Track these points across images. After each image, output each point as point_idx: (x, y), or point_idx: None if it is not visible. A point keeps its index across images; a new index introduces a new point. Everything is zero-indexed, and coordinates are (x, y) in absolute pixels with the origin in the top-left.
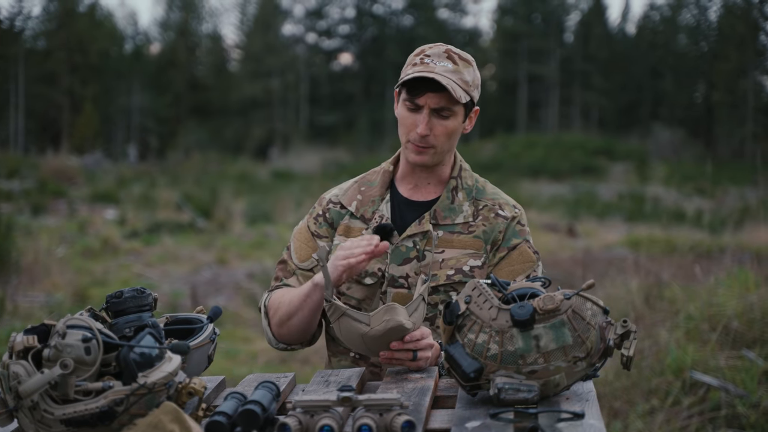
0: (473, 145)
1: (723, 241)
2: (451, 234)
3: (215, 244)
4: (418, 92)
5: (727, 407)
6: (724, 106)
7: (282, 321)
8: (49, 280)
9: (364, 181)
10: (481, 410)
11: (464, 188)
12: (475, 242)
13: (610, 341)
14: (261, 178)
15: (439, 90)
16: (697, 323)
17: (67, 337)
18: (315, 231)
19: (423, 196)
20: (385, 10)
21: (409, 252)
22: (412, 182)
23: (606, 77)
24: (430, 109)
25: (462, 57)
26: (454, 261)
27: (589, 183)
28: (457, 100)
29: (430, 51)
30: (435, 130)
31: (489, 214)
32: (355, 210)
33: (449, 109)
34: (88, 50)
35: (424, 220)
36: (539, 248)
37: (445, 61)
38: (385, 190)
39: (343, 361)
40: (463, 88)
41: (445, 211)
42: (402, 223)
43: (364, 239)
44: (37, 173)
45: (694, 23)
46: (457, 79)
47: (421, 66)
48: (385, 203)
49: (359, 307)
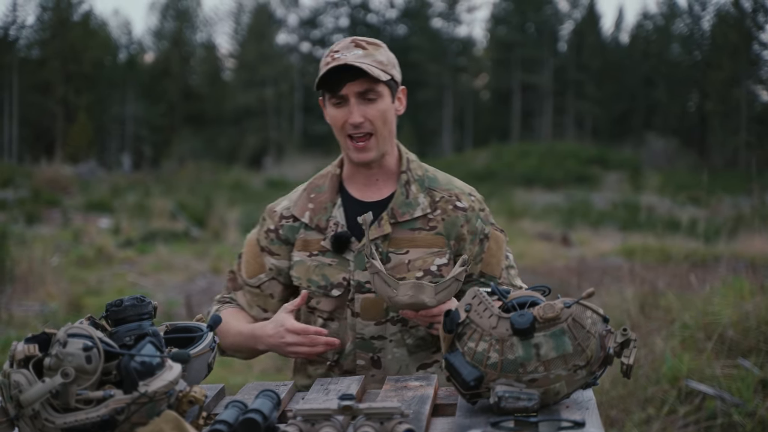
0: (467, 154)
1: (718, 250)
2: (413, 231)
3: (210, 253)
4: (338, 86)
5: (723, 416)
6: (717, 115)
7: (228, 348)
8: (43, 289)
9: (313, 187)
10: (481, 419)
11: (416, 180)
12: (438, 239)
13: (610, 349)
14: (255, 187)
15: (357, 76)
16: (692, 332)
17: (68, 346)
18: (266, 246)
19: (376, 195)
20: (378, 19)
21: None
22: (360, 181)
23: (599, 86)
24: (356, 95)
25: (370, 42)
26: (421, 262)
27: (583, 192)
28: (377, 78)
29: (338, 46)
30: (367, 116)
31: (447, 206)
32: (309, 221)
33: (373, 91)
34: (82, 59)
35: (383, 221)
36: (533, 258)
37: (354, 49)
38: (335, 194)
39: (320, 369)
40: (380, 68)
41: (402, 207)
42: (360, 226)
43: (311, 331)
44: (31, 182)
45: (688, 32)
46: (370, 61)
47: (332, 62)
48: (338, 208)
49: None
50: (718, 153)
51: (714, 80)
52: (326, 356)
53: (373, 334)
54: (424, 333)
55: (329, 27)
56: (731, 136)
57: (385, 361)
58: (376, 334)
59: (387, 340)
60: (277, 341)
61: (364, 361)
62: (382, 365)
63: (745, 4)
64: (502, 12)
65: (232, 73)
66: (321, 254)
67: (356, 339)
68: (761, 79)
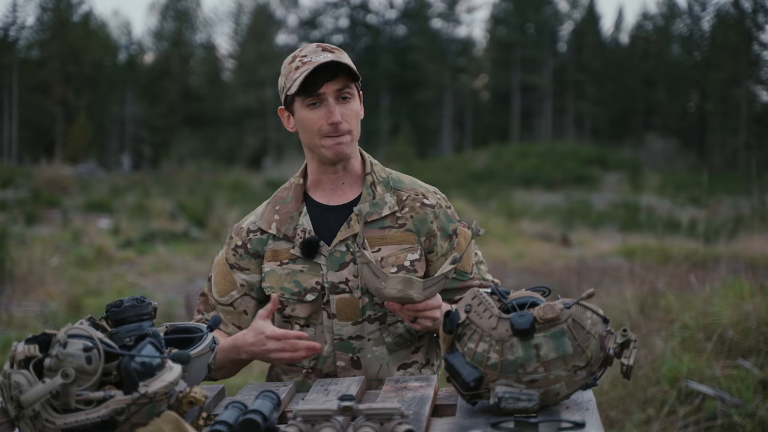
0: (466, 154)
1: (717, 251)
2: (383, 230)
3: (209, 253)
4: (316, 87)
5: (722, 417)
6: (717, 115)
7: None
8: (43, 289)
9: (277, 200)
10: (481, 419)
11: (381, 181)
12: (408, 236)
13: (610, 350)
14: (254, 188)
15: (336, 75)
16: (692, 332)
17: (68, 347)
18: (235, 263)
19: (342, 199)
20: (378, 20)
21: (344, 256)
22: (326, 187)
23: (599, 87)
24: (334, 93)
25: (335, 47)
26: (394, 258)
27: (583, 192)
28: (356, 75)
29: (305, 51)
30: (345, 116)
31: (414, 204)
32: (276, 231)
33: (349, 89)
34: (81, 60)
35: (353, 221)
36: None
37: (323, 53)
38: (300, 203)
39: (296, 377)
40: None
41: (369, 207)
42: (329, 230)
43: (291, 336)
44: (30, 183)
45: (687, 33)
46: (344, 60)
47: (304, 66)
48: (304, 216)
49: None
50: (717, 153)
51: (714, 81)
52: (302, 363)
53: (351, 334)
54: (403, 331)
55: (329, 27)
56: (731, 137)
57: (365, 360)
58: (354, 334)
59: (365, 339)
60: (259, 349)
61: (344, 362)
62: (362, 365)
63: (745, 4)
64: (502, 12)
65: (232, 73)
66: (291, 262)
67: (335, 340)
68: (761, 80)
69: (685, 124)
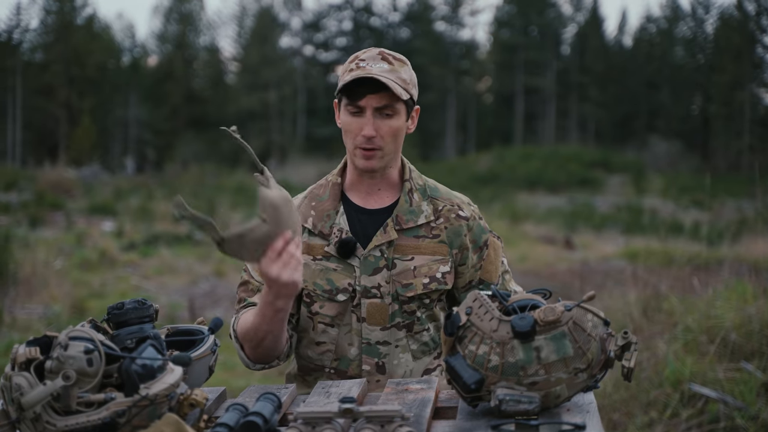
0: (469, 157)
1: (721, 253)
2: (417, 239)
3: (213, 256)
4: (358, 95)
5: (725, 419)
6: (720, 118)
7: (255, 345)
8: (46, 292)
9: (314, 196)
10: (482, 422)
11: (418, 189)
12: (441, 247)
13: (611, 352)
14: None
15: (379, 90)
16: (695, 335)
17: (70, 349)
18: None
19: (378, 203)
20: (382, 22)
21: (378, 261)
22: (362, 190)
23: (603, 89)
24: (373, 109)
25: (396, 57)
26: (426, 269)
27: (586, 195)
28: (398, 96)
29: (365, 55)
30: (380, 131)
31: (450, 215)
32: (312, 227)
33: (391, 107)
34: (85, 63)
35: (389, 228)
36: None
37: (381, 62)
38: (337, 202)
39: (320, 377)
40: (402, 86)
41: (406, 214)
42: (364, 233)
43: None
44: (34, 185)
45: (691, 36)
46: (395, 78)
47: (357, 70)
48: (341, 216)
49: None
50: (721, 156)
51: (717, 83)
52: (323, 363)
53: (379, 339)
54: (428, 339)
55: (332, 30)
56: (734, 139)
57: (390, 366)
58: (382, 339)
59: (393, 345)
60: (272, 278)
61: (369, 366)
62: (386, 370)
63: (749, 7)
64: (505, 15)
65: (235, 76)
66: (325, 259)
67: (362, 344)
68: (764, 82)
69: (689, 127)
